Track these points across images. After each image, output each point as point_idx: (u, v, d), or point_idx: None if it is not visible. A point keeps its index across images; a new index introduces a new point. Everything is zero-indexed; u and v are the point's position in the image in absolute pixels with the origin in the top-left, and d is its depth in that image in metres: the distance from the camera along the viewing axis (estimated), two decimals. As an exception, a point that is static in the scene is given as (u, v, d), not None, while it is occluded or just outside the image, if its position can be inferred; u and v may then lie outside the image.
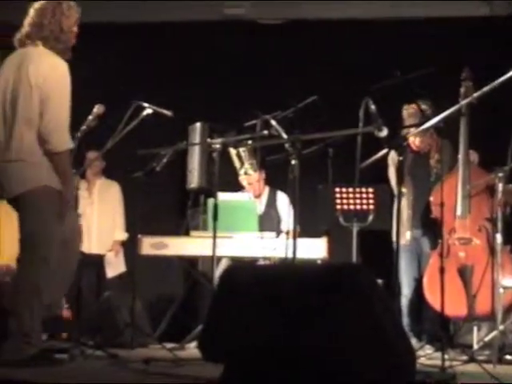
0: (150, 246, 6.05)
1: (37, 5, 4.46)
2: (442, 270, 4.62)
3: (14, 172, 4.35)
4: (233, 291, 3.58)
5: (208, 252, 5.44)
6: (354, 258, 5.82)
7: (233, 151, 5.95)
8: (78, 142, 5.09)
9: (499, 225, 5.21)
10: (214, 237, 5.13)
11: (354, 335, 3.10)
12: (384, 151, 5.04)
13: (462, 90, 5.83)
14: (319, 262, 5.96)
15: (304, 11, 7.55)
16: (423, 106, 5.81)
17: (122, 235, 7.46)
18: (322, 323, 3.19)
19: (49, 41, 4.39)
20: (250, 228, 6.11)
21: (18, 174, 4.33)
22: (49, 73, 4.32)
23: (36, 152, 4.32)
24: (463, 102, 4.85)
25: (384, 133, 4.70)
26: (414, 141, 6.16)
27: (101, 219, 7.42)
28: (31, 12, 4.44)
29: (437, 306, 5.25)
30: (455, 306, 5.46)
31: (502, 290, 5.10)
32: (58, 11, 4.42)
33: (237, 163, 6.15)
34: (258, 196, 6.71)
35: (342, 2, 7.47)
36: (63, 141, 4.37)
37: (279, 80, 7.24)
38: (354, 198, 5.96)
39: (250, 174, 6.45)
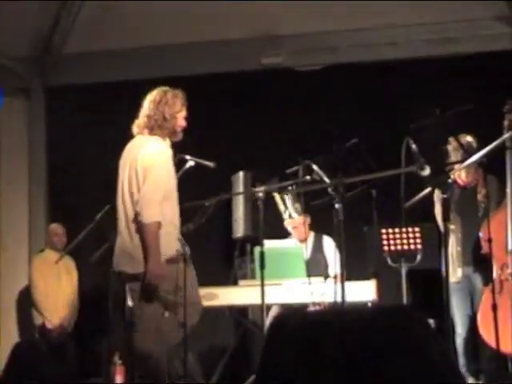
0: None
1: (148, 96, 4.99)
2: (494, 307, 4.55)
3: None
4: (284, 339, 3.55)
5: (257, 300, 5.41)
6: (405, 299, 5.76)
7: (277, 196, 5.97)
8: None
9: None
10: (262, 285, 5.12)
11: (408, 378, 3.05)
12: (427, 190, 5.01)
13: (506, 122, 5.78)
14: (369, 304, 5.91)
15: (340, 56, 7.60)
16: (468, 140, 5.79)
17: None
18: (375, 368, 3.15)
19: (154, 129, 4.89)
20: (297, 274, 6.09)
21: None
22: (148, 156, 4.81)
23: None
24: (507, 135, 4.81)
25: (427, 171, 4.68)
26: (460, 175, 6.11)
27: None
28: (144, 103, 4.98)
29: (493, 343, 5.14)
30: (511, 343, 5.35)
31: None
32: (163, 101, 4.91)
33: (281, 207, 6.16)
34: (303, 240, 6.70)
35: (377, 44, 7.51)
36: (152, 214, 4.68)
37: (319, 125, 7.27)
38: (401, 239, 5.93)
39: (294, 218, 6.46)
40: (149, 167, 4.78)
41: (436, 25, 7.35)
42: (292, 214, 6.29)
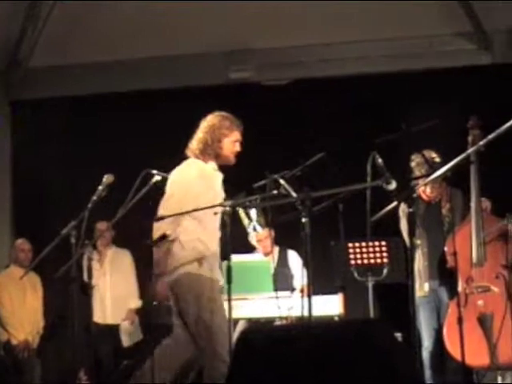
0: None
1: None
2: (460, 320, 4.58)
3: None
4: (251, 353, 3.55)
5: (224, 315, 5.39)
6: (371, 313, 5.77)
7: (241, 210, 5.97)
8: (89, 213, 5.11)
9: (516, 271, 5.18)
10: (229, 299, 5.10)
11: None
12: (394, 204, 5.04)
13: (470, 138, 5.85)
14: (336, 318, 5.91)
15: (306, 70, 7.64)
16: (432, 155, 5.84)
17: (136, 303, 7.44)
18: (342, 381, 3.15)
19: (197, 152, 5.06)
20: (264, 288, 6.09)
21: None
22: (170, 179, 5.03)
23: None
24: (470, 150, 4.86)
25: (392, 185, 4.70)
26: (425, 190, 6.15)
27: (114, 289, 7.42)
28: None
29: (458, 356, 5.18)
30: (477, 356, 5.39)
31: (523, 338, 5.04)
32: (207, 126, 5.11)
33: (245, 222, 6.16)
34: (268, 254, 6.73)
35: (343, 59, 7.56)
36: (156, 229, 4.85)
37: (286, 139, 7.29)
38: (368, 253, 5.96)
39: (258, 231, 6.47)
40: (167, 188, 4.96)
41: (400, 40, 7.42)
42: (256, 228, 6.29)
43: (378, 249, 5.99)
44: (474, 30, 7.29)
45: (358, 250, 5.98)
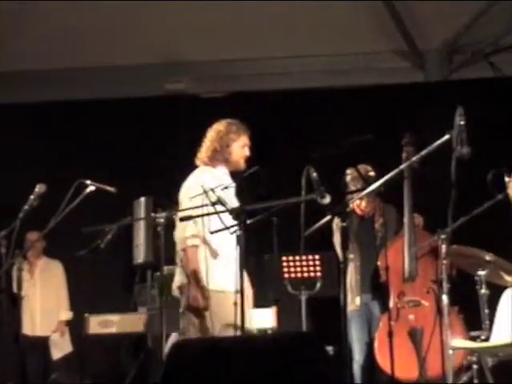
0: (97, 324, 5.96)
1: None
2: (390, 334, 4.62)
3: None
4: (182, 366, 3.53)
5: (157, 327, 5.36)
6: (304, 326, 5.79)
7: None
8: (20, 223, 5.03)
9: (445, 286, 5.24)
10: (161, 312, 5.08)
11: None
12: (327, 218, 5.07)
13: (404, 154, 5.93)
14: (269, 331, 5.92)
15: (242, 84, 7.66)
16: (367, 169, 5.91)
17: (67, 315, 7.34)
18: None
19: (205, 160, 5.08)
20: (198, 301, 6.04)
21: None
22: (186, 183, 5.04)
23: None
24: (403, 166, 4.92)
25: (327, 200, 4.72)
26: (360, 205, 6.21)
27: (44, 300, 7.31)
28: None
29: (388, 369, 5.23)
30: (407, 369, 5.45)
31: (451, 352, 5.10)
32: (214, 133, 5.14)
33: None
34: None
35: (278, 74, 7.61)
36: (182, 238, 4.84)
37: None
38: (301, 266, 5.98)
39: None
40: (183, 194, 5.00)
41: (337, 56, 7.51)
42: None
43: (311, 262, 6.01)
44: (408, 48, 7.41)
45: (291, 264, 6.00)
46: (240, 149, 5.12)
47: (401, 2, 6.94)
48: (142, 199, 6.21)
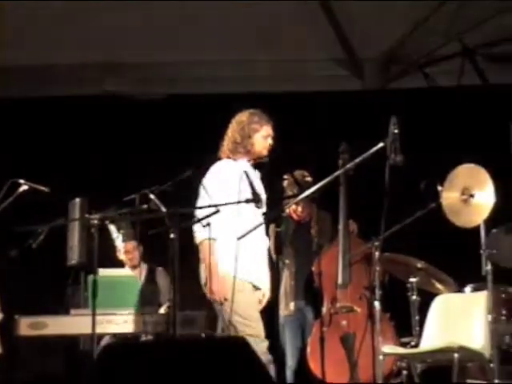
0: (27, 326, 5.84)
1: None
2: (322, 340, 4.66)
3: None
4: (112, 370, 3.50)
5: (89, 330, 5.30)
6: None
7: (110, 224, 5.92)
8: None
9: (378, 293, 5.31)
10: (94, 314, 5.03)
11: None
12: (261, 222, 5.09)
13: (340, 162, 5.99)
14: (203, 335, 5.90)
15: (182, 87, 7.65)
16: (303, 175, 5.95)
17: (-3, 316, 7.21)
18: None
19: (226, 152, 4.97)
20: (132, 304, 6.01)
21: None
22: (208, 176, 4.92)
23: None
24: (338, 172, 4.97)
25: (263, 205, 4.76)
26: (296, 210, 6.24)
27: (-28, 302, 7.17)
28: None
29: (320, 374, 5.27)
30: (338, 374, 5.51)
31: (381, 357, 5.17)
32: (234, 124, 5.02)
33: (114, 235, 6.11)
34: (136, 266, 6.70)
35: (218, 78, 7.62)
36: (198, 232, 4.79)
37: (159, 154, 7.28)
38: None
39: (126, 242, 6.46)
40: (205, 187, 4.87)
41: (276, 62, 7.54)
42: (124, 239, 6.28)
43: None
44: (347, 56, 7.49)
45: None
46: (263, 139, 5.00)
47: (341, 11, 7.00)
48: (77, 200, 6.13)
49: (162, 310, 6.10)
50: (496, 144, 5.04)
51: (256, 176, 5.01)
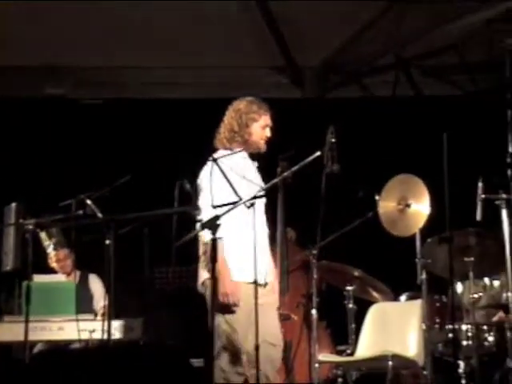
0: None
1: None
2: (256, 347, 4.65)
3: None
4: (43, 377, 3.46)
5: (22, 337, 5.22)
6: (175, 338, 5.78)
7: (42, 231, 5.85)
8: None
9: (315, 300, 5.34)
10: (27, 321, 4.95)
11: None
12: (197, 230, 5.06)
13: (279, 169, 6.00)
14: (140, 342, 5.86)
15: (123, 92, 7.61)
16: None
17: None
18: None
19: (223, 142, 4.71)
20: (66, 310, 5.93)
21: None
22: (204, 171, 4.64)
23: None
24: (274, 180, 4.97)
25: (199, 212, 4.74)
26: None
27: None
28: None
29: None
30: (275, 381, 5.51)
31: (317, 365, 5.19)
32: (230, 113, 4.78)
33: (46, 242, 6.04)
34: (68, 274, 6.64)
35: (163, 83, 7.60)
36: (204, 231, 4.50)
37: (96, 159, 7.22)
38: (174, 278, 5.96)
39: (58, 250, 6.39)
40: (201, 181, 4.68)
41: (216, 69, 7.55)
42: (56, 247, 6.21)
43: (184, 274, 6.01)
44: (287, 65, 7.53)
45: (164, 275, 5.97)
46: (261, 129, 4.79)
47: (283, 20, 7.03)
48: (13, 205, 6.05)
49: (98, 317, 6.03)
50: (430, 154, 5.11)
51: (252, 167, 4.82)
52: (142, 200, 5.01)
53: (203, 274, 4.69)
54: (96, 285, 6.61)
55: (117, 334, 5.16)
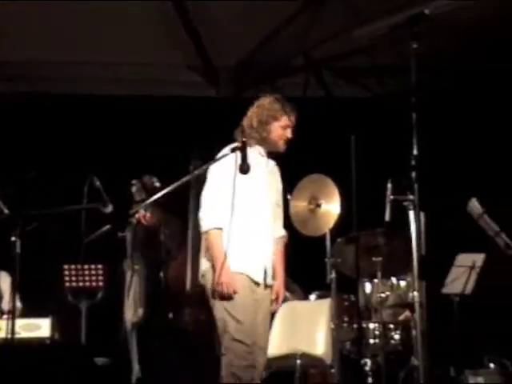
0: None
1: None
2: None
3: None
4: None
5: None
6: (83, 337, 5.71)
7: None
8: None
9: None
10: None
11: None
12: (107, 227, 5.03)
13: (191, 167, 6.01)
14: (48, 341, 5.77)
15: (48, 86, 7.49)
16: (152, 181, 5.93)
17: None
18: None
19: (242, 137, 4.44)
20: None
21: None
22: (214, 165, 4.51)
23: None
24: (186, 178, 4.95)
25: (109, 209, 4.68)
26: (145, 215, 6.20)
27: None
28: None
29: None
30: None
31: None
32: (252, 110, 4.67)
33: None
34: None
35: (88, 79, 7.51)
36: (209, 221, 4.47)
37: (2, 155, 7.08)
38: (83, 275, 5.90)
39: None
40: (210, 175, 4.62)
41: (132, 65, 7.48)
42: None
43: (93, 272, 5.94)
44: (202, 64, 7.52)
45: (73, 273, 5.90)
46: (280, 129, 4.68)
47: (199, 19, 7.01)
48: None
49: (5, 316, 5.92)
50: (341, 155, 5.18)
51: (264, 164, 4.72)
52: (50, 196, 4.91)
53: (202, 265, 4.63)
54: (5, 284, 6.46)
55: (23, 333, 5.05)
